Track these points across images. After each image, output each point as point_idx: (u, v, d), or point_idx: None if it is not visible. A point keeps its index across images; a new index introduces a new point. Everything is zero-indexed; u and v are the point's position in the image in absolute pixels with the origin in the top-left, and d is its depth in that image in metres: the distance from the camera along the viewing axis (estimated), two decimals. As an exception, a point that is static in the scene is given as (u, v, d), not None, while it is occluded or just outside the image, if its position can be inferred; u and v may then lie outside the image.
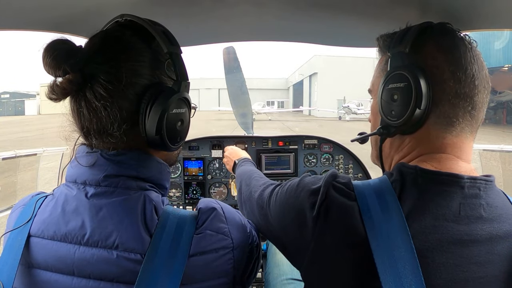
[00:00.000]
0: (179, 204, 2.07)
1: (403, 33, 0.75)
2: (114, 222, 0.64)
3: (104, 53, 0.66)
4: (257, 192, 0.95)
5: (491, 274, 0.61)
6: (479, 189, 0.65)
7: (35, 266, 0.66)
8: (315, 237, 0.66)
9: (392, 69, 0.74)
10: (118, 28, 0.72)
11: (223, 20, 1.19)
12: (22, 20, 0.93)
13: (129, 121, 0.67)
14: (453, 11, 0.94)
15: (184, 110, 0.72)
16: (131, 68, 0.66)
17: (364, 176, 2.10)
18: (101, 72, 0.65)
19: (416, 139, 0.73)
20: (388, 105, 0.74)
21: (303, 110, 42.24)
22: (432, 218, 0.62)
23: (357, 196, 0.66)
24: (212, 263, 0.67)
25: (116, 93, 0.65)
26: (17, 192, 5.05)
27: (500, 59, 20.67)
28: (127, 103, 0.66)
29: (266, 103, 43.23)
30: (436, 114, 0.70)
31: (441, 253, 0.60)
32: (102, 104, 0.65)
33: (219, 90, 49.20)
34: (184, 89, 0.71)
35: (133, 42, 0.69)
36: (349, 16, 1.12)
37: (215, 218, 0.70)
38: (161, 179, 0.73)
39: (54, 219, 0.67)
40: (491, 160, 5.13)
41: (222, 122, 24.94)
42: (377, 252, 0.60)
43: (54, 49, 0.63)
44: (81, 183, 0.68)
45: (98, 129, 0.67)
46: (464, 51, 0.70)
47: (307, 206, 0.69)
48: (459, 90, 0.69)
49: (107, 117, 0.65)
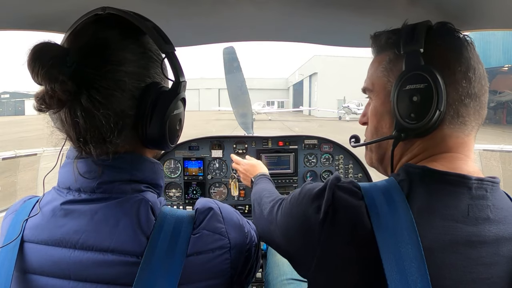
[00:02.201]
0: (179, 204, 2.06)
1: (410, 30, 0.72)
2: (110, 225, 0.63)
3: (96, 56, 0.63)
4: (266, 209, 0.93)
5: (497, 275, 0.62)
6: (486, 191, 0.65)
7: (30, 271, 0.65)
8: (322, 242, 0.65)
9: (408, 69, 0.71)
10: (105, 25, 0.67)
11: (223, 20, 1.19)
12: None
13: (129, 126, 0.66)
14: (451, 11, 0.94)
15: (182, 109, 0.73)
16: (127, 71, 0.64)
17: (364, 176, 2.10)
18: (97, 78, 0.61)
19: (428, 140, 0.72)
20: (406, 107, 0.71)
21: (303, 110, 42.24)
22: (442, 219, 0.61)
23: (363, 194, 0.65)
24: (209, 263, 0.67)
25: (115, 98, 0.63)
26: (17, 192, 5.06)
27: (500, 59, 20.67)
28: (126, 108, 0.65)
29: (266, 103, 43.20)
30: (450, 115, 0.69)
31: (450, 254, 0.60)
32: (101, 112, 0.61)
33: (219, 90, 49.20)
34: (183, 89, 0.71)
35: (125, 41, 0.66)
36: (349, 16, 1.12)
37: (212, 218, 0.69)
38: (155, 178, 0.73)
39: (47, 224, 0.66)
40: (491, 160, 5.13)
41: (222, 122, 24.94)
42: (384, 248, 0.59)
43: (40, 57, 0.56)
44: (75, 190, 0.67)
45: (97, 138, 0.63)
46: (471, 51, 0.71)
47: (312, 211, 0.68)
48: (470, 90, 0.69)
49: (107, 125, 0.62)
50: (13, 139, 13.99)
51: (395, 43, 0.75)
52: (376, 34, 0.81)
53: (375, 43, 0.81)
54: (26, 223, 0.67)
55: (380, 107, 0.78)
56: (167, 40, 0.70)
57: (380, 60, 0.79)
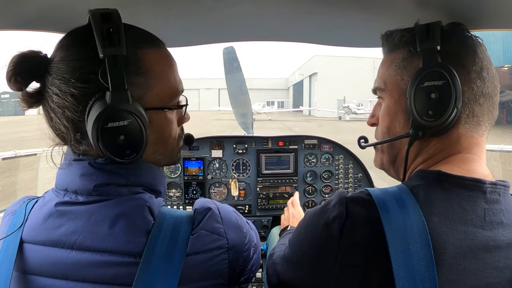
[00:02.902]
0: (179, 204, 2.07)
1: (425, 29, 0.72)
2: (106, 226, 0.64)
3: (53, 63, 0.66)
4: (282, 250, 0.89)
5: (508, 279, 0.62)
6: (499, 194, 0.65)
7: (29, 272, 0.65)
8: (339, 261, 0.63)
9: (426, 65, 0.70)
10: (74, 31, 0.69)
11: (223, 20, 1.19)
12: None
13: (79, 131, 0.66)
14: (455, 11, 0.94)
15: (127, 122, 0.63)
16: (73, 78, 0.63)
17: (364, 176, 2.10)
18: (50, 84, 0.65)
19: (443, 140, 0.71)
20: (423, 104, 0.69)
21: (303, 110, 42.25)
22: (462, 224, 0.61)
23: (374, 199, 0.64)
24: (207, 263, 0.67)
25: (63, 104, 0.64)
26: (17, 192, 5.06)
27: (500, 59, 20.68)
28: (74, 115, 0.64)
29: (266, 103, 43.21)
30: (466, 114, 0.69)
31: (471, 259, 0.60)
32: (55, 115, 0.66)
33: (219, 90, 49.19)
34: (119, 99, 0.62)
35: (78, 47, 0.65)
36: (349, 16, 1.12)
37: (211, 218, 0.69)
38: (154, 184, 0.72)
39: (44, 225, 0.66)
40: (491, 160, 5.13)
41: (222, 122, 24.93)
42: (392, 244, 0.59)
43: (12, 64, 0.64)
44: (72, 192, 0.68)
45: (59, 136, 0.69)
46: (484, 52, 0.71)
47: (323, 230, 0.67)
48: (484, 90, 0.69)
49: (61, 127, 0.66)
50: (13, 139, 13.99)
51: (410, 41, 0.74)
52: (388, 33, 0.80)
53: (387, 42, 0.80)
54: (25, 224, 0.67)
55: (393, 105, 0.77)
56: (115, 43, 0.62)
57: (392, 58, 0.78)
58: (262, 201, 2.08)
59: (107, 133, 0.62)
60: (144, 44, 0.69)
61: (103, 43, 0.61)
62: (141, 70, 0.67)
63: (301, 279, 0.75)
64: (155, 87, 0.69)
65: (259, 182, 2.07)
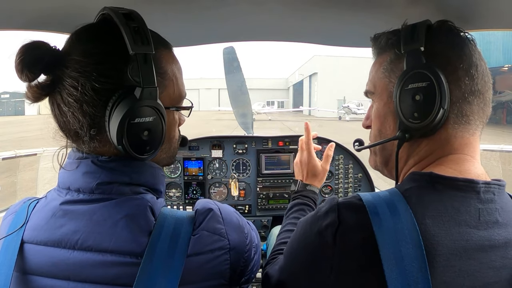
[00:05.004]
0: (179, 204, 2.07)
1: (410, 30, 0.72)
2: (108, 226, 0.64)
3: (70, 56, 0.64)
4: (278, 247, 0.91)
5: (505, 278, 0.62)
6: (494, 194, 0.65)
7: (30, 272, 0.65)
8: (334, 269, 0.63)
9: (410, 67, 0.70)
10: (93, 26, 0.69)
11: (223, 20, 1.19)
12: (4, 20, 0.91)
13: (96, 126, 0.65)
14: (452, 11, 0.94)
15: (152, 118, 0.66)
16: (95, 72, 0.63)
17: (364, 176, 2.10)
18: (67, 77, 0.64)
19: (433, 141, 0.71)
20: (409, 106, 0.70)
21: (303, 110, 42.22)
22: (456, 225, 0.61)
23: (364, 204, 0.63)
24: (208, 264, 0.67)
25: (81, 98, 0.63)
26: (17, 192, 5.06)
27: (500, 59, 20.68)
28: (92, 109, 0.64)
29: (266, 103, 43.23)
30: (454, 113, 0.69)
31: (466, 260, 0.59)
32: (68, 109, 0.64)
33: (219, 90, 49.18)
34: (148, 96, 0.64)
35: (101, 42, 0.66)
36: (349, 16, 1.12)
37: (212, 219, 0.69)
38: (155, 183, 0.73)
39: (46, 225, 0.66)
40: (491, 160, 5.12)
41: (222, 122, 24.93)
42: (383, 247, 0.58)
43: (22, 53, 0.62)
44: (75, 191, 0.68)
45: (71, 132, 0.67)
46: (472, 49, 0.71)
47: (316, 237, 0.67)
48: (473, 87, 0.69)
49: (75, 122, 0.65)
50: (13, 139, 13.99)
51: (395, 43, 0.74)
52: (376, 36, 0.80)
53: (375, 45, 0.81)
54: (26, 224, 0.67)
55: (382, 108, 0.78)
56: (144, 41, 0.64)
57: (380, 61, 0.79)
58: (262, 201, 2.08)
59: (133, 128, 0.64)
60: (159, 46, 0.71)
61: (134, 41, 0.63)
62: (160, 71, 0.70)
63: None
64: (168, 88, 0.73)
65: (259, 182, 2.07)
